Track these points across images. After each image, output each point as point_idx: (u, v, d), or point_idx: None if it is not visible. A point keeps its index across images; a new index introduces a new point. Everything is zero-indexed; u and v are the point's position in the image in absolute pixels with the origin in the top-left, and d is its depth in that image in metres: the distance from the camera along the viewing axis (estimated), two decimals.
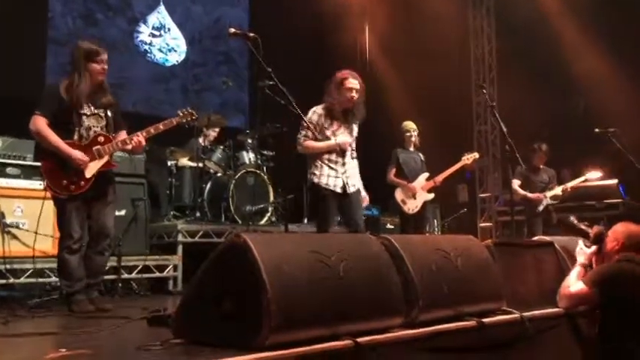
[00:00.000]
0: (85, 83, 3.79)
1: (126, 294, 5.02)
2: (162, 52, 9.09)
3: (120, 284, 4.99)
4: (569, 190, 6.81)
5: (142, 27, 8.90)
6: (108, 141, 3.88)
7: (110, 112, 3.95)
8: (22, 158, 4.90)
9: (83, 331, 2.92)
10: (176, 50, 9.26)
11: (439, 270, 2.63)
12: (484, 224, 9.93)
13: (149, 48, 8.95)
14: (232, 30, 3.72)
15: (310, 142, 4.41)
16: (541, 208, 6.79)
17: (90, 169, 3.78)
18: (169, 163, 6.42)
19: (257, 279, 1.97)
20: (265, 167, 6.76)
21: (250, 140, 6.85)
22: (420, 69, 9.13)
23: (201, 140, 6.65)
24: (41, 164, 3.85)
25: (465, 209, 9.22)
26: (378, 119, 4.83)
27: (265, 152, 6.88)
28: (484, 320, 2.66)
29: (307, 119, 4.42)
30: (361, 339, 2.13)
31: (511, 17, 9.32)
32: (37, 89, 5.44)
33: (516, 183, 6.77)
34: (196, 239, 5.68)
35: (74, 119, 3.80)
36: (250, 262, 2.00)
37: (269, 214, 6.36)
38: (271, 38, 4.03)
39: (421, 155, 6.30)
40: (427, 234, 6.66)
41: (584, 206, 7.52)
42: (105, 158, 3.86)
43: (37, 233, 4.20)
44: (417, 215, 6.10)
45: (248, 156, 6.74)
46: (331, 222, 4.47)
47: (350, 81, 4.46)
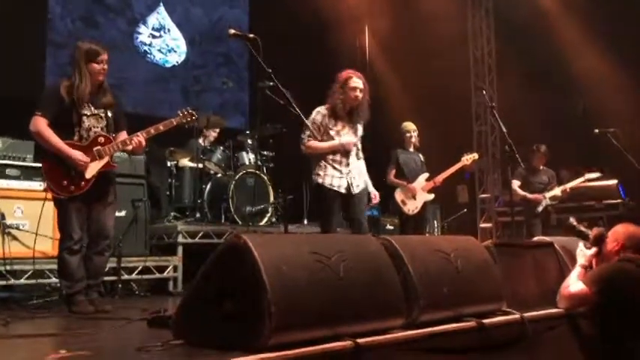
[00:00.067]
0: (86, 84, 3.78)
1: (126, 295, 5.02)
2: (162, 53, 9.09)
3: (120, 285, 4.99)
4: (568, 191, 6.82)
5: (142, 28, 8.90)
6: (108, 141, 3.88)
7: (110, 113, 3.95)
8: (22, 159, 4.90)
9: (83, 332, 2.93)
10: (176, 51, 9.26)
11: (439, 271, 2.63)
12: (484, 225, 9.93)
13: (149, 49, 8.95)
14: (232, 31, 3.72)
15: (314, 143, 4.40)
16: (540, 209, 6.79)
17: (90, 170, 3.78)
18: (169, 164, 6.43)
19: (257, 280, 1.97)
20: (265, 168, 6.76)
21: (250, 141, 6.85)
22: (420, 70, 9.15)
23: (201, 141, 6.65)
24: (42, 165, 3.86)
25: (465, 210, 9.23)
26: (378, 120, 4.81)
27: (265, 153, 6.88)
28: (484, 321, 2.66)
29: (311, 119, 4.43)
30: (361, 340, 2.13)
31: (510, 18, 9.33)
32: (37, 90, 5.46)
33: (516, 184, 6.78)
34: (196, 240, 5.68)
35: (74, 120, 3.79)
36: (250, 263, 2.00)
37: (269, 215, 6.36)
38: (271, 39, 4.02)
39: (421, 156, 6.30)
40: (427, 235, 6.67)
41: (583, 207, 7.53)
42: (105, 159, 3.85)
43: (38, 234, 4.21)
44: (417, 216, 6.09)
45: (248, 157, 6.74)
46: (335, 223, 4.46)
47: (354, 80, 4.46)
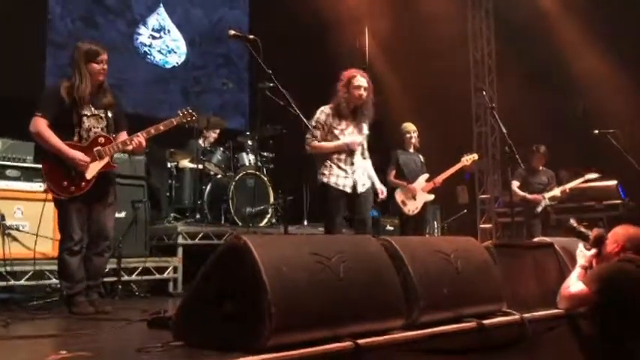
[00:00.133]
0: (86, 84, 3.78)
1: (126, 296, 5.02)
2: (162, 54, 9.09)
3: (120, 286, 4.98)
4: (567, 192, 6.82)
5: (142, 29, 8.90)
6: (108, 142, 3.87)
7: (110, 113, 3.94)
8: (22, 160, 4.89)
9: (83, 333, 2.93)
10: (176, 52, 9.26)
11: (439, 272, 2.63)
12: (484, 225, 9.94)
13: (149, 50, 8.95)
14: (232, 32, 3.72)
15: (319, 143, 4.41)
16: (539, 210, 6.80)
17: (90, 170, 3.77)
18: (169, 165, 6.43)
19: (257, 281, 1.97)
20: (265, 169, 6.76)
21: (250, 142, 6.85)
22: (420, 70, 9.15)
23: (201, 142, 6.65)
24: (42, 166, 3.85)
25: (465, 210, 9.23)
26: (378, 120, 4.82)
27: (265, 154, 6.88)
28: (484, 322, 2.65)
29: (315, 119, 4.45)
30: (361, 340, 2.13)
31: (510, 19, 9.33)
32: (37, 90, 5.46)
33: (515, 184, 6.77)
34: (196, 241, 5.67)
35: (74, 120, 3.79)
36: (250, 264, 2.00)
37: (269, 216, 6.35)
38: (271, 40, 4.02)
39: (421, 157, 6.30)
40: (427, 235, 6.67)
41: (583, 207, 7.53)
42: (105, 159, 3.85)
43: (38, 235, 4.21)
44: (417, 216, 6.09)
45: (248, 158, 6.74)
46: (339, 222, 4.46)
47: (358, 79, 4.47)
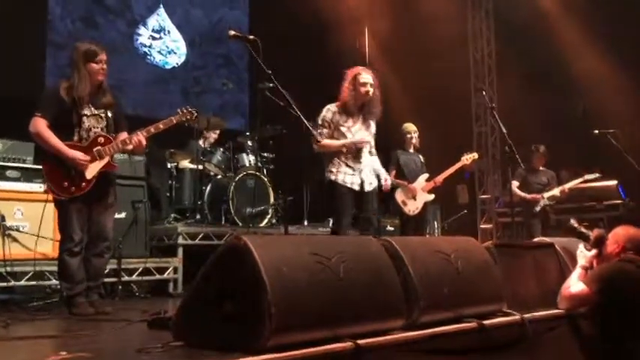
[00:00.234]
0: (85, 84, 3.78)
1: (126, 296, 5.02)
2: (162, 55, 9.09)
3: (120, 287, 4.98)
4: (567, 192, 6.82)
5: (142, 29, 8.90)
6: (108, 142, 3.87)
7: (110, 113, 3.94)
8: (22, 161, 4.89)
9: (83, 334, 2.93)
10: (176, 52, 9.26)
11: (439, 272, 2.63)
12: (484, 225, 9.93)
13: (149, 50, 8.95)
14: (232, 32, 3.72)
15: (326, 141, 4.41)
16: (538, 209, 6.79)
17: (90, 170, 3.77)
18: (169, 166, 6.43)
19: (257, 281, 1.97)
20: (265, 169, 6.75)
21: (250, 142, 6.84)
22: (420, 71, 9.14)
23: (201, 142, 6.65)
24: (42, 166, 3.85)
25: (465, 210, 9.23)
26: (378, 120, 4.82)
27: (265, 154, 6.87)
28: (484, 322, 2.65)
29: (321, 117, 4.47)
30: (361, 341, 2.13)
31: (510, 19, 9.33)
32: (37, 90, 5.46)
33: (515, 184, 6.77)
34: (196, 241, 5.67)
35: (74, 120, 3.79)
36: (250, 264, 2.00)
37: (269, 216, 6.35)
38: (271, 40, 4.02)
39: (421, 157, 6.30)
40: (427, 235, 6.67)
41: (584, 207, 7.53)
42: (105, 159, 3.84)
43: (38, 236, 4.20)
44: (418, 216, 6.09)
45: (248, 158, 6.74)
46: (347, 220, 4.46)
47: (363, 76, 4.47)
